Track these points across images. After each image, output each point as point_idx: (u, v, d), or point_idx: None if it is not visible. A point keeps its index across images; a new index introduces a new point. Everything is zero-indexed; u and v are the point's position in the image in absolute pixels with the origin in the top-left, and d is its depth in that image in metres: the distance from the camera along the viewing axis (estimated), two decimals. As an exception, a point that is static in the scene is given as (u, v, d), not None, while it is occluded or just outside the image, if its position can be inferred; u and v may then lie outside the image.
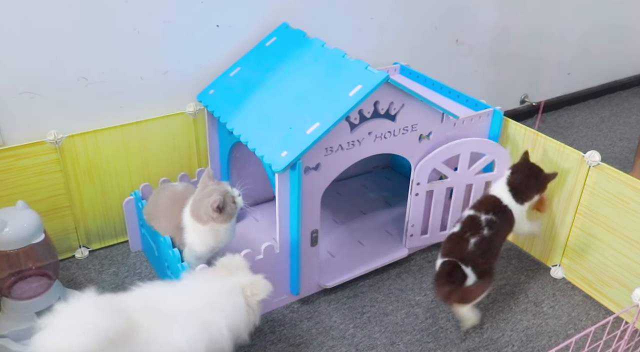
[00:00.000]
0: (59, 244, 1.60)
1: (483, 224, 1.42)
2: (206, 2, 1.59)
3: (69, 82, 1.51)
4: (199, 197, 1.38)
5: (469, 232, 1.42)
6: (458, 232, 1.44)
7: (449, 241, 1.46)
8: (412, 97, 1.43)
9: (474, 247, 1.40)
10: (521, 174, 1.48)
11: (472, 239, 1.41)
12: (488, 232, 1.42)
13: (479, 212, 1.45)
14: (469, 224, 1.44)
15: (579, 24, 2.57)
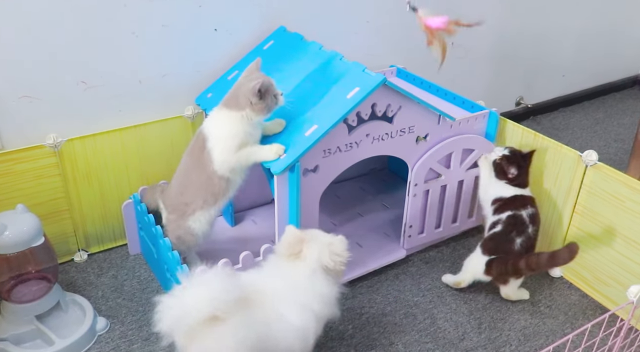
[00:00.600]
0: (58, 248, 1.60)
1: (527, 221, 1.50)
2: (204, 7, 1.60)
3: (68, 86, 1.51)
4: (240, 83, 1.34)
5: (515, 231, 1.49)
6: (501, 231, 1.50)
7: (492, 241, 1.52)
8: (409, 99, 1.45)
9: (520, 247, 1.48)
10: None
11: (518, 239, 1.48)
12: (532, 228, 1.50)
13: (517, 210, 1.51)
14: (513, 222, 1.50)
15: (573, 26, 2.59)
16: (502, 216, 1.52)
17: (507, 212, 1.51)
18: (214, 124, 1.37)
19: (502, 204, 1.54)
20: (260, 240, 1.67)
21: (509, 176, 1.54)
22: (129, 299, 1.54)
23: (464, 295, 1.59)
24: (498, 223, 1.52)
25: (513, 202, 1.53)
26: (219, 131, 1.36)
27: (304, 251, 1.21)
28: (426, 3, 2.03)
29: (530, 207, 1.52)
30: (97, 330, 1.44)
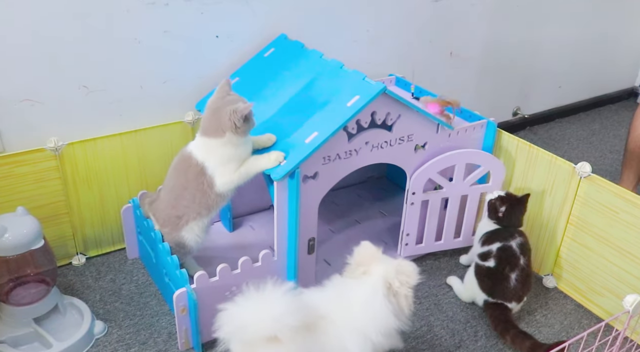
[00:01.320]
0: (57, 251, 1.60)
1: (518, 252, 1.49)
2: (206, 13, 1.62)
3: (70, 90, 1.52)
4: (218, 107, 1.32)
5: (508, 266, 1.49)
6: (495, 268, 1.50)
7: (488, 278, 1.51)
8: (408, 107, 1.46)
9: (516, 282, 1.48)
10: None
11: (513, 275, 1.48)
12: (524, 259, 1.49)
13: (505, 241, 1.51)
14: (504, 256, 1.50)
15: (569, 38, 2.62)
16: (492, 247, 1.51)
17: (497, 243, 1.51)
18: (206, 152, 1.37)
19: (490, 234, 1.54)
20: (259, 246, 1.68)
21: (498, 214, 1.53)
22: (126, 303, 1.55)
23: (461, 303, 1.61)
24: (490, 256, 1.51)
25: (501, 233, 1.53)
26: (214, 158, 1.37)
27: (372, 268, 1.18)
28: (425, 16, 2.07)
29: (518, 236, 1.52)
30: (95, 333, 1.44)
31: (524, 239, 1.52)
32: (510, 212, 1.54)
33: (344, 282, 1.20)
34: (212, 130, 1.34)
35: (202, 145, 1.38)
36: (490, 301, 1.51)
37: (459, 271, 1.72)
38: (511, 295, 1.49)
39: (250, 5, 1.69)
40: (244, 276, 1.40)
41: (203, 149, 1.38)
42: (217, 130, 1.32)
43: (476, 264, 1.55)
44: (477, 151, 1.64)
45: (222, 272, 1.37)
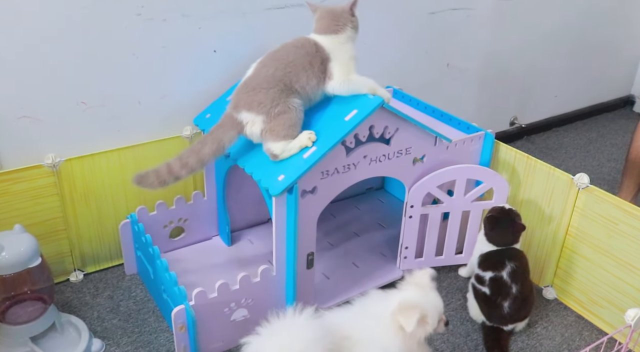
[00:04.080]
0: (54, 268, 1.60)
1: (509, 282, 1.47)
2: (204, 28, 1.62)
3: (68, 106, 1.52)
4: (331, 9, 1.40)
5: (500, 296, 1.48)
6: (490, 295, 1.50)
7: (484, 303, 1.51)
8: (406, 121, 1.46)
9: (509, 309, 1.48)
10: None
11: (505, 303, 1.47)
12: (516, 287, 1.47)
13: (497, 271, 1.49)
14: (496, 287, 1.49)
15: (564, 47, 2.64)
16: (485, 275, 1.50)
17: (489, 271, 1.49)
18: (330, 45, 1.38)
19: (486, 258, 1.52)
20: (258, 260, 1.68)
21: (487, 229, 1.53)
22: (124, 320, 1.54)
23: (461, 316, 1.60)
24: (484, 283, 1.51)
25: (495, 258, 1.51)
26: (339, 54, 1.37)
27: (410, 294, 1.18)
28: (422, 27, 2.08)
29: (512, 261, 1.48)
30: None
31: (517, 264, 1.48)
32: (497, 229, 1.52)
33: (369, 301, 1.20)
34: (331, 27, 1.38)
35: (325, 40, 1.39)
36: (487, 324, 1.52)
37: (459, 283, 1.72)
38: (507, 320, 1.49)
39: (247, 20, 1.69)
40: (243, 292, 1.40)
41: (327, 43, 1.39)
42: (338, 25, 1.38)
43: (474, 286, 1.55)
44: (480, 167, 1.63)
45: (221, 289, 1.36)
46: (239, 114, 1.35)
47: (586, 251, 1.56)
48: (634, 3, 2.82)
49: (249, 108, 1.34)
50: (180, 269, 1.63)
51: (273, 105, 1.33)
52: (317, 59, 1.37)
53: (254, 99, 1.33)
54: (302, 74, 1.35)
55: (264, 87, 1.33)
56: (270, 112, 1.33)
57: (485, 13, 2.25)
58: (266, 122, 1.33)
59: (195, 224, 1.75)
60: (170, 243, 1.73)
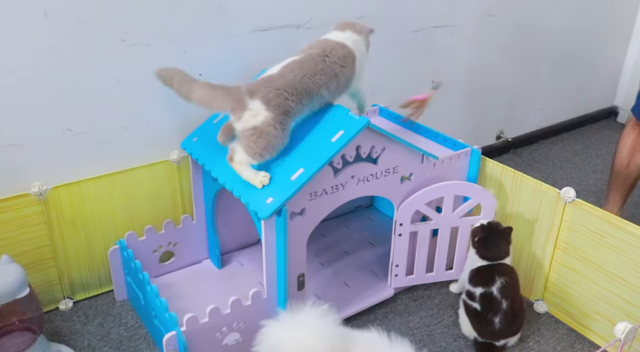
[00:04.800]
0: (43, 296, 1.58)
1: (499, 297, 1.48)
2: (188, 53, 1.63)
3: (54, 134, 1.52)
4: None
5: (491, 312, 1.48)
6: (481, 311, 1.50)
7: (475, 319, 1.52)
8: (392, 140, 1.47)
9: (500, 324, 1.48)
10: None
11: (496, 319, 1.48)
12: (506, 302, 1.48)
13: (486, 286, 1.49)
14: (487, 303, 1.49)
15: (547, 60, 2.67)
16: (476, 291, 1.51)
17: (479, 287, 1.50)
18: (353, 44, 1.44)
19: (476, 273, 1.53)
20: (249, 282, 1.67)
21: (475, 243, 1.54)
22: (115, 348, 1.52)
23: (453, 333, 1.60)
24: (475, 298, 1.51)
25: (485, 274, 1.51)
26: (360, 53, 1.45)
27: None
28: (405, 44, 2.10)
29: (502, 277, 1.49)
30: (84, 381, 1.42)
31: (507, 279, 1.48)
32: (486, 243, 1.52)
33: None
34: (353, 27, 1.45)
35: (348, 38, 1.44)
36: (479, 340, 1.52)
37: (450, 299, 1.72)
38: (498, 335, 1.49)
39: (232, 43, 1.70)
40: (234, 316, 1.39)
41: (350, 40, 1.44)
42: (357, 26, 1.45)
43: (464, 302, 1.55)
44: (467, 183, 1.64)
45: (212, 313, 1.36)
46: (251, 100, 1.32)
47: (575, 264, 1.57)
48: (614, 17, 2.87)
49: (264, 101, 1.31)
50: (171, 294, 1.62)
51: (276, 120, 1.32)
52: (349, 61, 1.42)
53: (274, 98, 1.32)
54: (333, 81, 1.39)
55: (285, 95, 1.33)
56: (273, 120, 1.31)
57: (469, 30, 2.28)
58: (263, 125, 1.31)
59: (185, 247, 1.74)
60: (160, 268, 1.72)
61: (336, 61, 1.40)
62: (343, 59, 1.41)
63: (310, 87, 1.35)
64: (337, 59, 1.40)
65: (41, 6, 1.39)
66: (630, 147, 1.93)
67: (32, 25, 1.39)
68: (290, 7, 1.78)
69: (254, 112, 1.31)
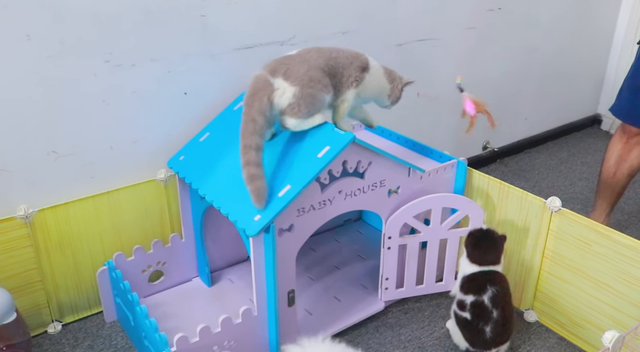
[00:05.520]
0: (31, 320, 1.57)
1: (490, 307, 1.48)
2: (173, 72, 1.64)
3: (39, 156, 1.51)
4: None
5: (481, 321, 1.49)
6: (471, 320, 1.50)
7: (467, 329, 1.52)
8: (378, 154, 1.48)
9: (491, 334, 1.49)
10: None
11: (487, 328, 1.48)
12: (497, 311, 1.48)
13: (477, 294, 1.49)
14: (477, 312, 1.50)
15: (530, 70, 2.71)
16: (466, 299, 1.51)
17: (470, 295, 1.50)
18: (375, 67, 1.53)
19: (467, 281, 1.53)
20: (239, 299, 1.67)
21: (468, 247, 1.54)
22: (105, 370, 1.51)
23: (445, 345, 1.60)
24: (465, 307, 1.51)
25: (476, 282, 1.51)
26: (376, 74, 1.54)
27: None
28: (390, 57, 2.12)
29: (493, 285, 1.49)
30: (74, 405, 1.40)
31: (498, 288, 1.49)
32: (480, 246, 1.53)
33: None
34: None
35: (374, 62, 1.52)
36: (471, 350, 1.53)
37: (441, 311, 1.72)
38: (489, 345, 1.49)
39: (216, 61, 1.71)
40: (225, 334, 1.39)
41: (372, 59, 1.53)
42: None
43: (455, 313, 1.55)
44: (454, 195, 1.65)
45: (203, 333, 1.35)
46: (274, 79, 1.35)
47: (563, 273, 1.58)
48: (595, 26, 2.92)
49: (286, 77, 1.34)
50: (161, 314, 1.61)
51: (307, 85, 1.35)
52: (357, 62, 1.46)
53: (295, 70, 1.35)
54: (343, 71, 1.43)
55: (307, 66, 1.37)
56: (303, 89, 1.34)
57: (451, 42, 2.30)
58: (296, 97, 1.34)
59: (174, 266, 1.73)
60: (149, 287, 1.71)
61: (347, 56, 1.45)
62: (353, 57, 1.46)
63: (327, 69, 1.40)
64: (348, 54, 1.45)
65: (24, 29, 1.39)
66: (617, 156, 1.95)
67: (15, 48, 1.39)
68: (274, 24, 1.79)
69: (281, 90, 1.34)
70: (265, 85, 1.34)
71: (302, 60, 1.38)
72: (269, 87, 1.34)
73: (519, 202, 1.64)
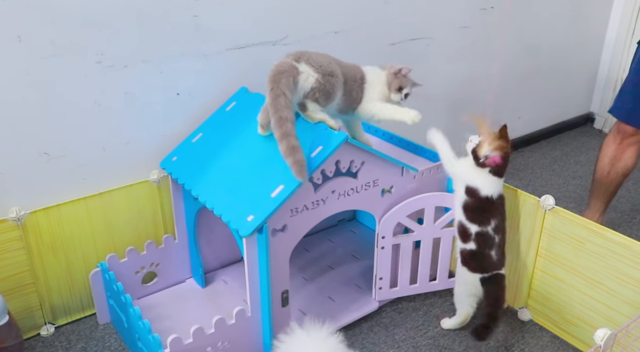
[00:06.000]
0: (23, 323, 1.56)
1: (492, 235, 1.52)
2: (165, 72, 1.63)
3: (31, 158, 1.51)
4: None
5: (487, 248, 1.52)
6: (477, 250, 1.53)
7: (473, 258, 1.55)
8: (371, 154, 1.48)
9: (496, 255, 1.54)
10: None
11: (492, 252, 1.53)
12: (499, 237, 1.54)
13: (482, 225, 1.52)
14: (482, 241, 1.53)
15: (523, 69, 2.71)
16: (470, 227, 1.53)
17: (475, 225, 1.52)
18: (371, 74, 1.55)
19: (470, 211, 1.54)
20: (233, 300, 1.67)
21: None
22: (99, 372, 1.50)
23: (439, 344, 1.60)
24: (469, 238, 1.53)
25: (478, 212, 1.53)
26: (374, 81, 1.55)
27: None
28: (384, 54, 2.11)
29: (493, 218, 1.52)
30: (67, 408, 1.39)
31: (498, 220, 1.53)
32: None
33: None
34: (384, 66, 1.59)
35: (369, 68, 1.56)
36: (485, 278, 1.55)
37: (435, 311, 1.72)
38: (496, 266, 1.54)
39: (209, 61, 1.71)
40: (218, 335, 1.38)
41: (368, 67, 1.56)
42: (387, 65, 1.58)
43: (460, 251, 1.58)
44: (447, 194, 1.65)
45: (196, 334, 1.35)
46: (298, 64, 1.38)
47: (557, 271, 1.58)
48: (587, 25, 2.93)
49: (309, 64, 1.39)
50: (155, 315, 1.61)
51: (329, 74, 1.40)
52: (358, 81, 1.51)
53: (318, 60, 1.41)
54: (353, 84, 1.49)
55: (329, 59, 1.44)
56: (324, 77, 1.39)
57: (445, 41, 2.30)
58: (319, 83, 1.38)
59: (168, 267, 1.73)
60: (143, 289, 1.70)
61: (345, 65, 1.50)
62: (351, 68, 1.50)
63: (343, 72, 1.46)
64: (346, 65, 1.50)
65: (14, 30, 1.38)
66: (611, 156, 1.95)
67: (5, 50, 1.39)
68: (266, 25, 1.79)
69: (306, 75, 1.38)
70: (291, 68, 1.37)
71: (324, 55, 1.44)
72: (295, 70, 1.37)
73: (513, 200, 1.64)
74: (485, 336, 1.51)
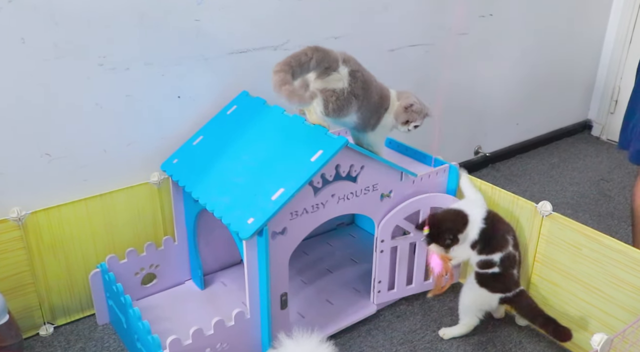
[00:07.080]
0: (22, 323, 1.56)
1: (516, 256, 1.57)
2: (167, 75, 1.64)
3: (32, 159, 1.51)
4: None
5: (512, 269, 1.56)
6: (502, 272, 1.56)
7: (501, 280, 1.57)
8: (371, 158, 1.49)
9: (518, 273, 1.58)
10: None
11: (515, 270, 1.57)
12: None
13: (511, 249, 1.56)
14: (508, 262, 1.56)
15: (521, 76, 2.73)
16: (493, 257, 1.55)
17: (498, 253, 1.54)
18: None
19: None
20: (232, 302, 1.67)
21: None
22: (97, 373, 1.51)
23: (437, 348, 1.61)
24: (492, 265, 1.55)
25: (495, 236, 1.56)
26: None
27: None
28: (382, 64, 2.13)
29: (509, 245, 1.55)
30: (65, 408, 1.40)
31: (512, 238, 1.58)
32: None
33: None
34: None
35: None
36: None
37: (433, 314, 1.73)
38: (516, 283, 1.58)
39: (210, 65, 1.72)
40: (217, 336, 1.39)
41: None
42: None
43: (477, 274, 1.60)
44: (441, 195, 1.67)
45: (195, 335, 1.35)
46: (342, 64, 1.41)
47: (554, 277, 1.59)
48: (585, 33, 2.95)
49: (352, 75, 1.42)
50: (154, 316, 1.61)
51: (353, 95, 1.43)
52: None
53: (361, 77, 1.45)
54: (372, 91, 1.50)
55: (371, 80, 1.49)
56: (350, 93, 1.42)
57: (441, 48, 2.32)
58: (342, 93, 1.41)
59: (167, 269, 1.73)
60: (142, 290, 1.71)
61: (380, 90, 1.54)
62: (383, 95, 1.54)
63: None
64: (381, 90, 1.54)
65: (18, 32, 1.39)
66: None
67: (9, 51, 1.40)
68: (267, 29, 1.81)
69: (340, 76, 1.40)
70: (335, 59, 1.40)
71: (369, 74, 1.50)
72: (336, 62, 1.40)
73: (510, 206, 1.65)
74: (568, 333, 1.50)
